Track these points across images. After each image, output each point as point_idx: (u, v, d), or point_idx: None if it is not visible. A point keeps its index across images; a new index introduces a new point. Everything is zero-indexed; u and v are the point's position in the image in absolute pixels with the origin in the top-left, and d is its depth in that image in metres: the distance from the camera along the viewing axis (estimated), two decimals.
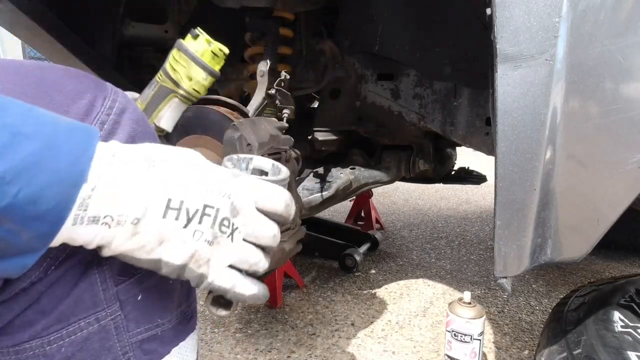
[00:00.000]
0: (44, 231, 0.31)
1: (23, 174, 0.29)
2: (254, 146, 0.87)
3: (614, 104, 0.63)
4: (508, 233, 0.73)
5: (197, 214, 0.38)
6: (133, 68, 1.59)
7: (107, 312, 0.41)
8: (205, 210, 0.38)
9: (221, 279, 0.40)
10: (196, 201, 0.38)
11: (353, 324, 1.46)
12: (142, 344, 0.43)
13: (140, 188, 0.35)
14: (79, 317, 0.39)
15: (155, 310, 0.44)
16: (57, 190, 0.31)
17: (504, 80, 0.67)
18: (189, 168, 0.39)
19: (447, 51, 1.26)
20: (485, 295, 1.69)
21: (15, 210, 0.29)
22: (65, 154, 0.31)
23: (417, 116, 1.35)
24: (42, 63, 0.41)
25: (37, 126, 0.31)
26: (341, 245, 1.95)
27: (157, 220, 0.36)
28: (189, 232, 0.38)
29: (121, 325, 0.42)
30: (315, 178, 1.41)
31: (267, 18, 1.17)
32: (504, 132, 0.68)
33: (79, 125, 0.34)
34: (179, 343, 0.47)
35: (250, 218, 0.41)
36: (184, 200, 0.37)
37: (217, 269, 0.40)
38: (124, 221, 0.35)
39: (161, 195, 0.36)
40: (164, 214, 0.36)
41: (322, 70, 1.39)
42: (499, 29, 0.66)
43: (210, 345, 1.34)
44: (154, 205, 0.36)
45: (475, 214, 3.02)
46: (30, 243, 0.31)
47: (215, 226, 0.39)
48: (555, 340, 0.87)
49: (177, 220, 0.37)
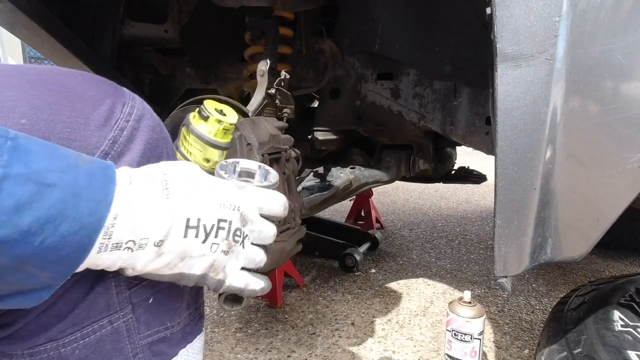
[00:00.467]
0: (62, 271, 0.33)
1: (47, 225, 0.30)
2: (254, 145, 0.87)
3: (614, 103, 0.63)
4: (508, 232, 0.73)
5: (214, 229, 0.41)
6: (133, 68, 1.59)
7: (119, 314, 0.42)
8: (219, 224, 0.41)
9: (237, 281, 0.45)
10: (211, 217, 0.41)
11: (353, 324, 1.46)
12: (151, 345, 0.45)
13: (160, 212, 0.37)
14: (93, 320, 0.40)
15: (165, 312, 0.46)
16: (78, 236, 0.32)
17: (504, 80, 0.67)
18: (199, 184, 0.41)
19: (447, 50, 1.26)
20: (486, 294, 1.69)
21: (37, 257, 0.31)
22: (86, 200, 0.32)
23: (417, 115, 1.35)
24: (61, 69, 0.42)
25: (60, 173, 0.31)
26: (341, 244, 1.95)
27: (180, 239, 0.39)
28: (207, 246, 0.41)
29: (133, 328, 0.43)
30: (315, 177, 1.41)
31: (267, 17, 1.17)
32: (504, 132, 0.68)
33: (98, 165, 0.35)
34: (186, 345, 0.49)
35: (257, 225, 0.45)
36: (201, 217, 0.40)
37: (232, 273, 0.44)
38: (145, 244, 0.37)
39: (181, 216, 0.39)
40: (185, 234, 0.39)
41: (322, 70, 1.39)
42: (499, 28, 0.66)
43: (210, 344, 1.34)
44: (175, 227, 0.38)
45: (475, 213, 3.02)
46: (48, 281, 0.33)
47: (230, 237, 0.42)
48: (556, 340, 0.87)
49: (196, 237, 0.40)
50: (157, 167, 0.40)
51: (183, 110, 1.00)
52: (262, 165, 0.50)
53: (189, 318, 0.49)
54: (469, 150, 1.39)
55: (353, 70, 1.40)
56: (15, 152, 0.29)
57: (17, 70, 0.38)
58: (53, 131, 0.36)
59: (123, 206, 0.35)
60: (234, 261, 0.44)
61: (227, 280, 0.44)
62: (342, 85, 1.41)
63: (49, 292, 0.34)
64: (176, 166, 0.41)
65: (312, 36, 1.37)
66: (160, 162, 0.44)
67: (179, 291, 0.47)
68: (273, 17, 1.16)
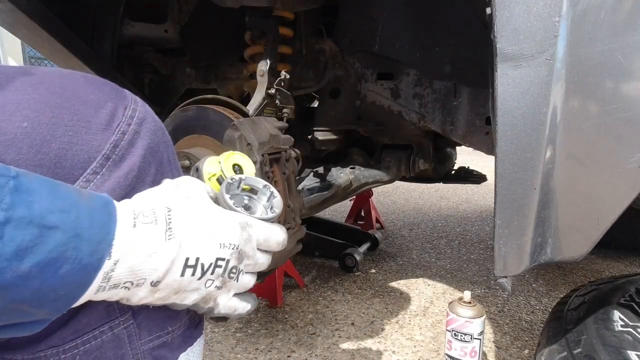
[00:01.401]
0: (58, 308, 0.33)
1: (47, 268, 0.30)
2: (253, 145, 0.87)
3: (614, 103, 0.63)
4: (508, 232, 0.73)
5: (211, 267, 0.41)
6: (133, 68, 1.59)
7: (120, 320, 0.42)
8: (217, 262, 0.42)
9: (226, 308, 0.46)
10: (210, 256, 0.41)
11: (353, 324, 1.46)
12: (152, 351, 0.45)
13: (161, 255, 0.37)
14: (94, 327, 0.40)
15: (166, 317, 0.46)
16: (77, 277, 0.32)
17: (504, 80, 0.67)
18: (203, 222, 0.41)
19: (447, 50, 1.26)
20: (486, 294, 1.69)
21: (35, 299, 0.31)
22: (87, 240, 0.32)
23: (417, 115, 1.35)
24: (63, 70, 0.42)
25: (62, 213, 0.31)
26: (341, 244, 1.95)
27: (177, 278, 0.39)
28: (202, 282, 0.41)
29: (134, 334, 0.43)
30: (315, 177, 1.41)
31: (267, 17, 1.17)
32: (504, 132, 0.68)
33: (98, 202, 0.35)
34: (186, 349, 0.49)
35: (253, 259, 0.46)
36: (200, 257, 0.40)
37: (223, 303, 0.46)
38: (143, 283, 0.37)
39: (180, 257, 0.39)
40: (182, 273, 0.39)
41: (322, 70, 1.39)
42: (499, 28, 0.66)
43: (210, 344, 1.34)
44: (174, 267, 0.39)
45: (475, 213, 3.02)
46: (44, 317, 0.33)
47: (225, 274, 0.43)
48: (556, 340, 0.87)
49: (193, 275, 0.40)
50: (162, 201, 0.40)
51: (183, 110, 1.00)
52: (268, 185, 0.51)
53: (189, 322, 0.49)
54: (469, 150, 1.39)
55: (353, 70, 1.40)
56: (17, 193, 0.29)
57: (19, 72, 0.38)
58: (55, 134, 0.36)
59: (124, 252, 0.35)
60: (225, 293, 0.45)
61: (216, 308, 0.45)
62: (342, 85, 1.41)
63: (43, 325, 0.34)
64: (182, 196, 0.41)
65: (312, 36, 1.37)
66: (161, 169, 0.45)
67: None
68: (273, 17, 1.16)
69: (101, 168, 0.39)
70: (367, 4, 1.30)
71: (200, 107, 0.97)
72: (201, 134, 0.97)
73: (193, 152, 0.92)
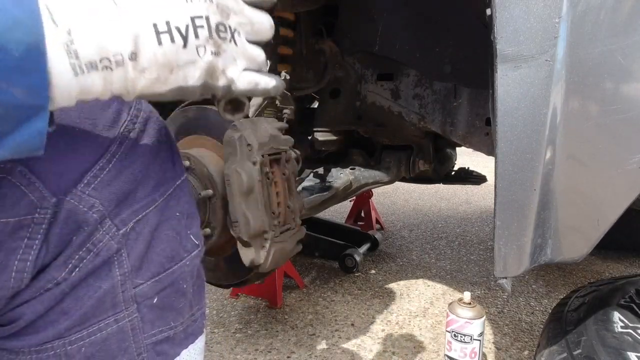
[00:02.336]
0: (33, 82, 0.29)
1: None
2: (254, 146, 0.87)
3: (614, 104, 0.63)
4: (508, 233, 0.73)
5: (190, 29, 0.36)
6: None
7: (125, 313, 0.41)
8: (195, 22, 0.36)
9: (245, 82, 0.40)
10: (181, 17, 0.36)
11: (353, 325, 1.46)
12: (155, 345, 0.44)
13: (119, 23, 0.33)
14: (100, 318, 0.40)
15: (169, 312, 0.45)
16: (17, 34, 0.28)
17: (504, 81, 0.67)
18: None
19: (447, 51, 1.26)
20: (485, 295, 1.69)
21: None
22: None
23: (417, 116, 1.35)
24: None
25: None
26: (341, 245, 1.95)
27: (155, 48, 0.35)
28: (191, 51, 0.36)
29: (137, 327, 0.43)
30: (315, 178, 1.41)
31: None
32: (504, 133, 0.68)
33: None
34: (188, 346, 0.48)
35: (242, 15, 0.39)
36: (169, 20, 0.35)
37: (235, 75, 0.39)
38: (122, 59, 0.33)
39: (144, 21, 0.34)
40: (158, 41, 0.35)
41: (322, 70, 1.39)
42: (499, 29, 0.66)
43: (210, 345, 1.34)
44: (142, 34, 0.34)
45: (475, 214, 3.02)
46: (28, 99, 0.29)
47: (213, 35, 0.37)
48: (555, 341, 0.87)
49: (173, 42, 0.35)
50: None
51: (184, 110, 1.00)
52: None
53: (192, 319, 0.49)
54: (469, 151, 1.39)
55: (353, 70, 1.40)
56: None
57: None
58: (61, 133, 0.36)
59: (73, 19, 0.31)
60: (232, 62, 0.39)
61: (233, 85, 0.39)
62: (342, 85, 1.41)
63: (42, 118, 0.30)
64: None
65: (312, 36, 1.37)
66: (165, 167, 0.44)
67: (183, 291, 0.47)
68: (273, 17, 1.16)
69: (108, 164, 0.39)
70: (367, 4, 1.30)
71: (200, 108, 0.97)
72: (201, 135, 0.98)
73: (193, 153, 0.92)
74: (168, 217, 0.45)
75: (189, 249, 0.47)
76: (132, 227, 0.41)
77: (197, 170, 0.91)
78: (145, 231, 0.42)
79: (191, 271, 0.48)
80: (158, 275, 0.44)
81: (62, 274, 0.38)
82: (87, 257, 0.38)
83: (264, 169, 0.89)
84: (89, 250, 0.38)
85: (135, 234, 0.42)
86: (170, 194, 0.45)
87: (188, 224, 0.47)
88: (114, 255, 0.40)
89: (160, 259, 0.44)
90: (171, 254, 0.45)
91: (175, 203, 0.46)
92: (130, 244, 0.41)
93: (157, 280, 0.44)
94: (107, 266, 0.40)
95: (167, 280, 0.45)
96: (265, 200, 0.89)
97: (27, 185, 0.35)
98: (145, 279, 0.43)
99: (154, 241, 0.43)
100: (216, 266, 1.04)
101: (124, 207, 0.41)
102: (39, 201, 0.36)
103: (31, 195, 0.36)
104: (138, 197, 0.42)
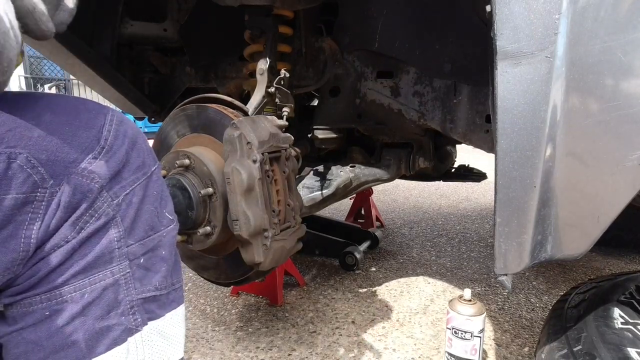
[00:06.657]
0: None
1: None
2: (253, 144, 0.87)
3: (614, 100, 0.63)
4: (508, 230, 0.73)
5: None
6: (132, 67, 1.59)
7: (119, 267, 0.50)
8: None
9: None
10: None
11: (354, 322, 1.46)
12: (144, 302, 0.53)
13: None
14: (100, 270, 0.49)
15: (153, 274, 0.54)
16: None
17: (504, 78, 0.67)
18: None
19: (447, 48, 1.25)
20: (486, 292, 1.70)
21: None
22: None
23: (416, 114, 1.34)
24: (58, 96, 0.52)
25: None
26: (342, 243, 1.95)
27: None
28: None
29: (130, 281, 0.51)
30: (315, 176, 1.41)
31: (267, 16, 1.16)
32: (504, 130, 0.68)
33: None
34: (171, 310, 0.57)
35: None
36: None
37: None
38: None
39: None
40: None
41: (322, 68, 1.39)
42: (499, 26, 0.66)
43: (211, 343, 1.34)
44: None
45: (476, 211, 3.02)
46: None
47: None
48: (556, 337, 0.87)
49: None
50: None
51: (183, 109, 1.00)
52: None
53: (173, 287, 0.57)
54: (469, 148, 1.39)
55: (353, 68, 1.39)
56: None
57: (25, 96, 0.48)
58: (61, 132, 0.46)
59: None
60: None
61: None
62: (341, 83, 1.41)
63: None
64: None
65: (312, 34, 1.37)
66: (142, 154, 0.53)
67: (162, 257, 0.56)
68: (272, 15, 1.16)
69: (98, 154, 0.49)
70: (366, 2, 1.30)
71: (200, 106, 0.97)
72: (201, 133, 0.97)
73: (193, 151, 0.92)
74: (149, 194, 0.54)
75: (165, 224, 0.57)
76: (123, 198, 0.51)
77: (197, 169, 0.91)
78: (134, 201, 0.52)
79: (169, 242, 0.57)
80: (143, 239, 0.53)
81: (72, 233, 0.47)
82: (90, 220, 0.48)
83: (264, 167, 0.89)
84: (92, 215, 0.48)
85: (126, 204, 0.51)
86: (149, 175, 0.54)
87: (163, 204, 0.57)
88: (111, 220, 0.49)
89: (144, 226, 0.53)
90: (152, 224, 0.54)
91: (153, 184, 0.55)
92: (122, 211, 0.50)
93: (142, 243, 0.53)
94: (105, 227, 0.49)
95: (150, 244, 0.54)
96: (265, 198, 0.89)
97: (31, 168, 0.43)
98: (135, 240, 0.52)
99: (140, 212, 0.52)
100: (217, 264, 1.04)
101: (114, 183, 0.50)
102: (40, 182, 0.44)
103: (35, 177, 0.43)
104: (124, 176, 0.51)
